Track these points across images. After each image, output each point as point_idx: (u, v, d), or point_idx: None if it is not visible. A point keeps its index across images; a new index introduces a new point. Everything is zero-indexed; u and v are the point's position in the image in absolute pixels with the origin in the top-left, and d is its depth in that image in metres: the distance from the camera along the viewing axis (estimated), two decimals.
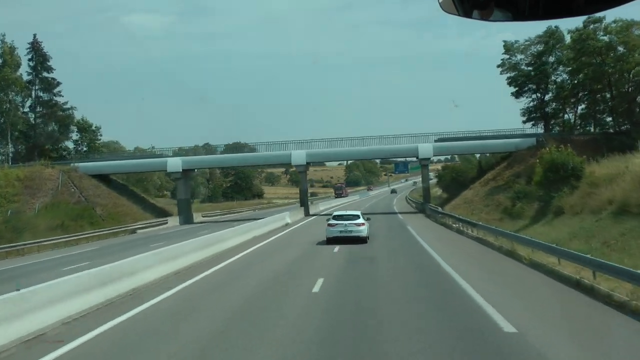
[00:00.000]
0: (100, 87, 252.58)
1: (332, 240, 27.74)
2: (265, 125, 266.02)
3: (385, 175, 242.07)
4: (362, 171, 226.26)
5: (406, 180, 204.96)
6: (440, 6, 2.76)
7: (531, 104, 61.21)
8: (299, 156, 60.06)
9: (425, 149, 57.92)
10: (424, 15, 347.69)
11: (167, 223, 54.77)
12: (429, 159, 60.24)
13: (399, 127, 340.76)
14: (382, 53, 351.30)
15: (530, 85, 60.62)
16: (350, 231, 27.90)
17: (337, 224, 28.42)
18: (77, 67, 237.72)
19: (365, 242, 27.70)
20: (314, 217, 55.72)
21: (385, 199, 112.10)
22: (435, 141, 59.06)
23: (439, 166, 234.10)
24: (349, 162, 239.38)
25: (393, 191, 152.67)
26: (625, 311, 11.21)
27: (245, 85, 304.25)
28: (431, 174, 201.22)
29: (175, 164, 60.25)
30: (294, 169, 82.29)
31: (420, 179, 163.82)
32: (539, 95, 61.20)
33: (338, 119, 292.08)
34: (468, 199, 52.41)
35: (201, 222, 60.46)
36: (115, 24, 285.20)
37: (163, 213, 63.42)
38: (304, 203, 62.26)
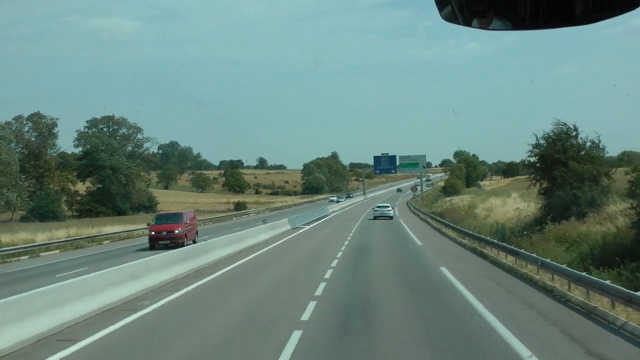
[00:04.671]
0: (67, 90, 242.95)
1: (376, 218, 54.96)
2: (237, 131, 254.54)
3: (357, 180, 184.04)
4: (326, 173, 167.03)
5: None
6: (441, 15, 2.78)
7: None
8: None
9: None
10: (397, 24, 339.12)
11: None
12: None
13: (375, 136, 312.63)
14: (353, 60, 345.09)
15: None
16: (385, 213, 55.78)
17: (378, 209, 57.02)
18: (43, 70, 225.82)
19: (392, 218, 54.36)
20: None
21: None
22: None
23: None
24: (309, 162, 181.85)
25: (399, 190, 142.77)
26: None
27: (214, 90, 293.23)
28: (430, 175, 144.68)
29: None
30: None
31: (419, 181, 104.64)
32: None
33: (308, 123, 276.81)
34: None
35: None
36: (80, 28, 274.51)
37: None
38: None
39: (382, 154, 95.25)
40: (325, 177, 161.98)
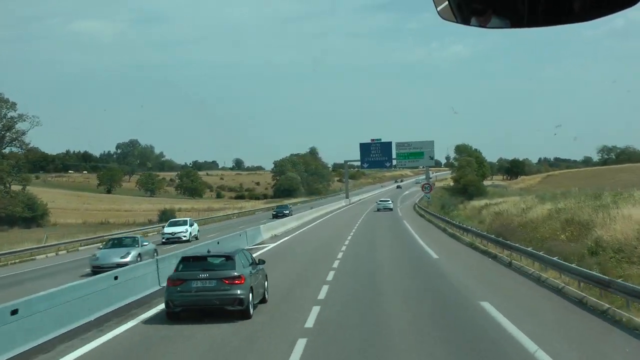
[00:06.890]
0: (50, 94, 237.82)
1: (379, 210, 66.05)
2: (223, 134, 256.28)
3: (340, 181, 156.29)
4: (303, 173, 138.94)
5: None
6: (439, 14, 2.72)
7: None
8: None
9: None
10: (383, 25, 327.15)
11: None
12: None
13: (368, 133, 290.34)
14: (342, 62, 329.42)
15: None
16: (386, 206, 67.27)
17: (380, 203, 68.76)
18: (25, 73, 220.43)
19: (391, 210, 65.76)
20: None
21: None
22: None
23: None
24: (280, 159, 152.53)
25: (398, 187, 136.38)
26: None
27: (196, 92, 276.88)
28: (432, 173, 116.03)
29: None
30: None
31: (424, 177, 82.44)
32: None
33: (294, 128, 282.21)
34: None
35: None
36: (62, 31, 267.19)
37: None
38: None
39: (373, 140, 67.60)
40: (301, 177, 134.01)
